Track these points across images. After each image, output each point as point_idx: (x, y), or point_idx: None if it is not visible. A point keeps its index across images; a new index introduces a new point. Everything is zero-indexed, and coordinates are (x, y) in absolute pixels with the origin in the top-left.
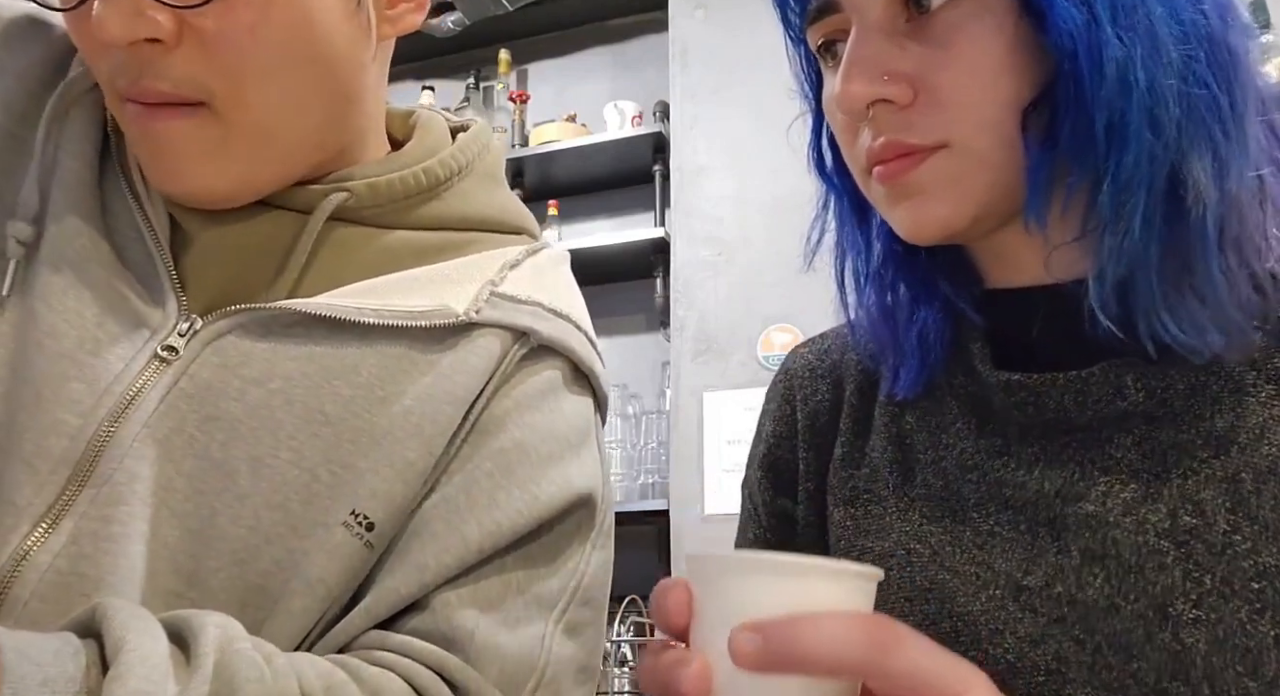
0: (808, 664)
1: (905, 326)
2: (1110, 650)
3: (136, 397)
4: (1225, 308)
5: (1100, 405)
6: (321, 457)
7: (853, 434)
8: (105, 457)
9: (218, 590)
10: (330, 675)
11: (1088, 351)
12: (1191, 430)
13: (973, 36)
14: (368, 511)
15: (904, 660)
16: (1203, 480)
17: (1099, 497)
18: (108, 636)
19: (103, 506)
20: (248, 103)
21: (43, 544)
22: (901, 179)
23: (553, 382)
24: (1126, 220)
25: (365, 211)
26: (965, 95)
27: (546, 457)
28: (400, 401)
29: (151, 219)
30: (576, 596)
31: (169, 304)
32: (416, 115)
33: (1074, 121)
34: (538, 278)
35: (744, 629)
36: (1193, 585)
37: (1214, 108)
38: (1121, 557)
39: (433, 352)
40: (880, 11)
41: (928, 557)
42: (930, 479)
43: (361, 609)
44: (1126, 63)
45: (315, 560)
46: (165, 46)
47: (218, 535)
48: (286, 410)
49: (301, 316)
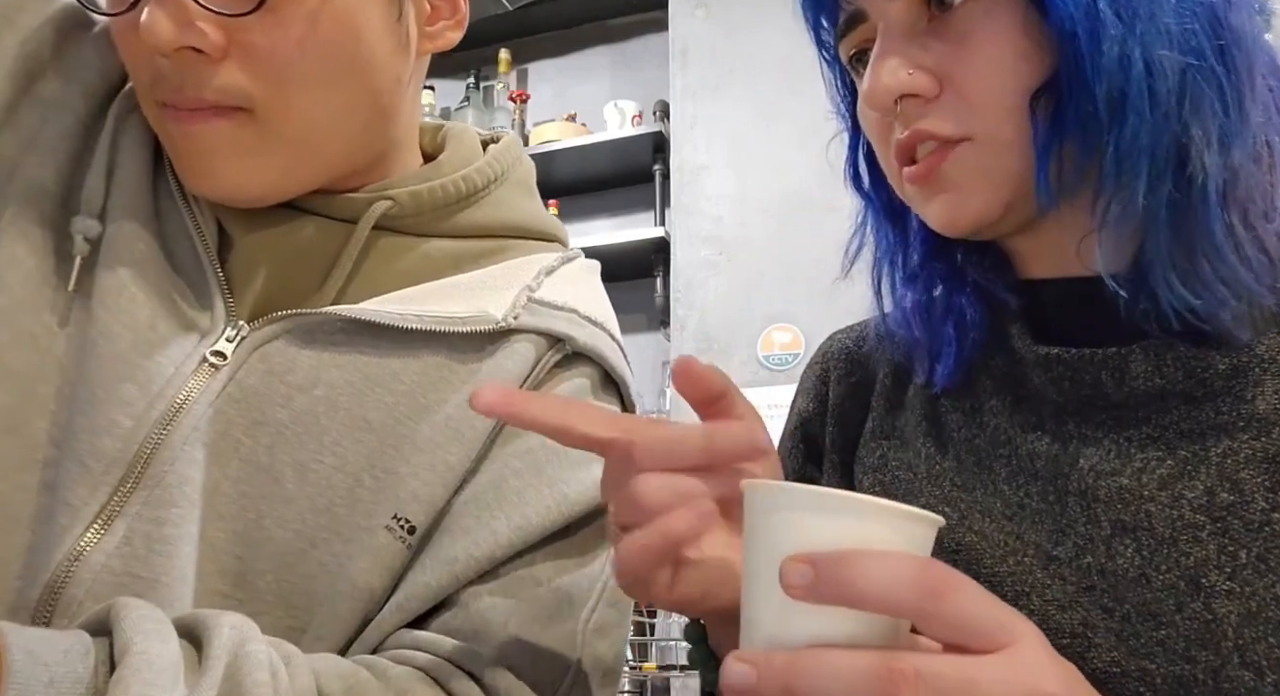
0: (858, 599)
1: (941, 319)
2: (1139, 618)
3: (186, 402)
4: (1234, 269)
5: (1139, 382)
6: (365, 463)
7: (884, 410)
8: (157, 460)
9: (264, 592)
10: (352, 675)
11: (1123, 338)
12: (1232, 411)
13: (990, 30)
14: (409, 515)
15: (955, 606)
16: (1242, 460)
17: (1134, 473)
18: (117, 637)
19: (155, 508)
20: (289, 112)
21: (96, 544)
22: (931, 177)
23: (582, 388)
24: (1128, 187)
25: (407, 220)
26: (987, 86)
27: (576, 459)
28: (442, 410)
29: (201, 225)
30: (604, 596)
31: (217, 309)
32: (446, 129)
33: (1077, 100)
34: (572, 285)
35: (796, 559)
36: (1227, 559)
37: (1213, 80)
38: (1155, 530)
39: (471, 360)
40: (903, 13)
41: (955, 521)
42: (963, 455)
43: (393, 605)
44: (1124, 40)
45: (359, 563)
46: (209, 58)
47: (264, 538)
48: (331, 416)
49: (346, 322)
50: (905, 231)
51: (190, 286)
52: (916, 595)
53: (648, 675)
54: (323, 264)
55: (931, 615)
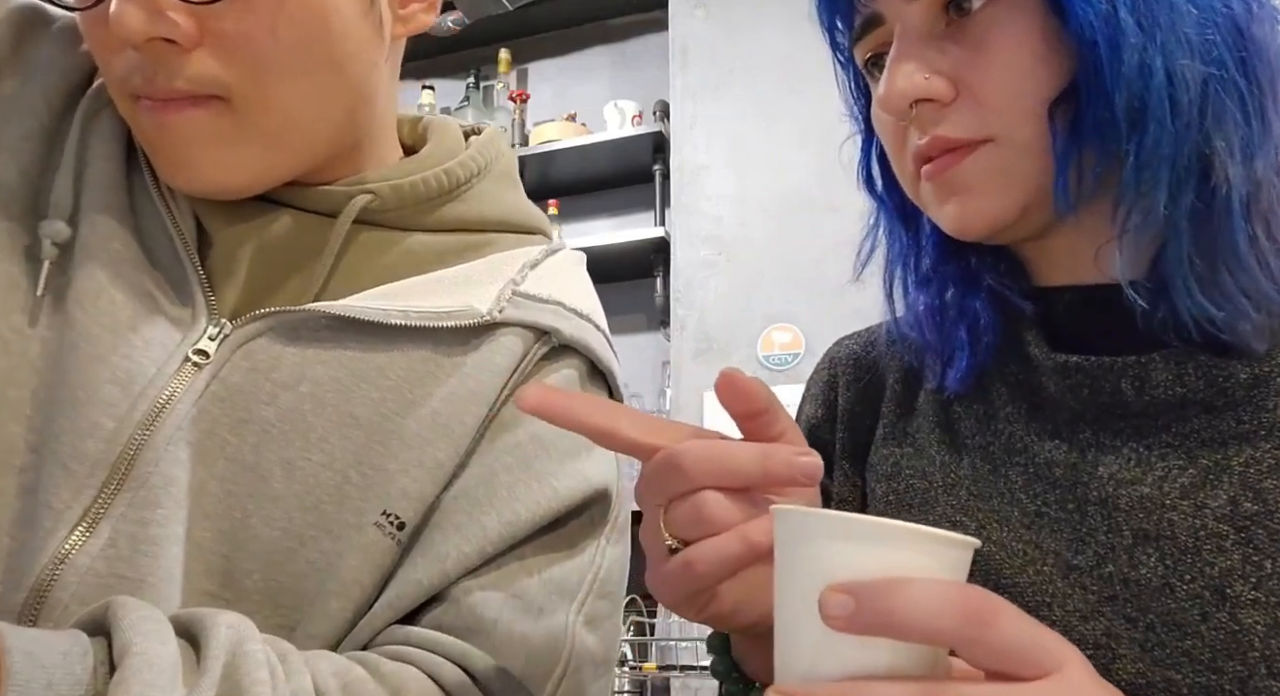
0: (902, 629)
1: (954, 323)
2: (1163, 628)
3: (170, 402)
4: (1257, 280)
5: (1159, 391)
6: (352, 459)
7: (895, 416)
8: (141, 461)
9: (252, 591)
10: (347, 672)
11: (1139, 346)
12: (1254, 420)
13: (1008, 34)
14: (399, 511)
15: (1000, 633)
16: (1265, 469)
17: (1155, 482)
18: (116, 637)
19: (140, 509)
20: (266, 99)
21: (81, 546)
22: (947, 175)
23: (570, 380)
24: (1148, 195)
25: (388, 214)
26: (1004, 90)
27: (564, 452)
28: (428, 404)
29: (179, 222)
30: (595, 588)
31: (199, 307)
32: (426, 121)
33: (1096, 108)
34: (558, 277)
35: (835, 589)
36: (1253, 569)
37: (1235, 91)
38: (1177, 539)
39: (457, 354)
40: (921, 17)
41: (973, 531)
42: (978, 463)
43: (384, 602)
44: (1145, 49)
45: (349, 561)
46: (181, 47)
47: (251, 536)
48: (317, 413)
49: (330, 319)
50: (918, 235)
51: (170, 284)
52: (960, 623)
53: (648, 675)
54: (304, 259)
55: (976, 642)
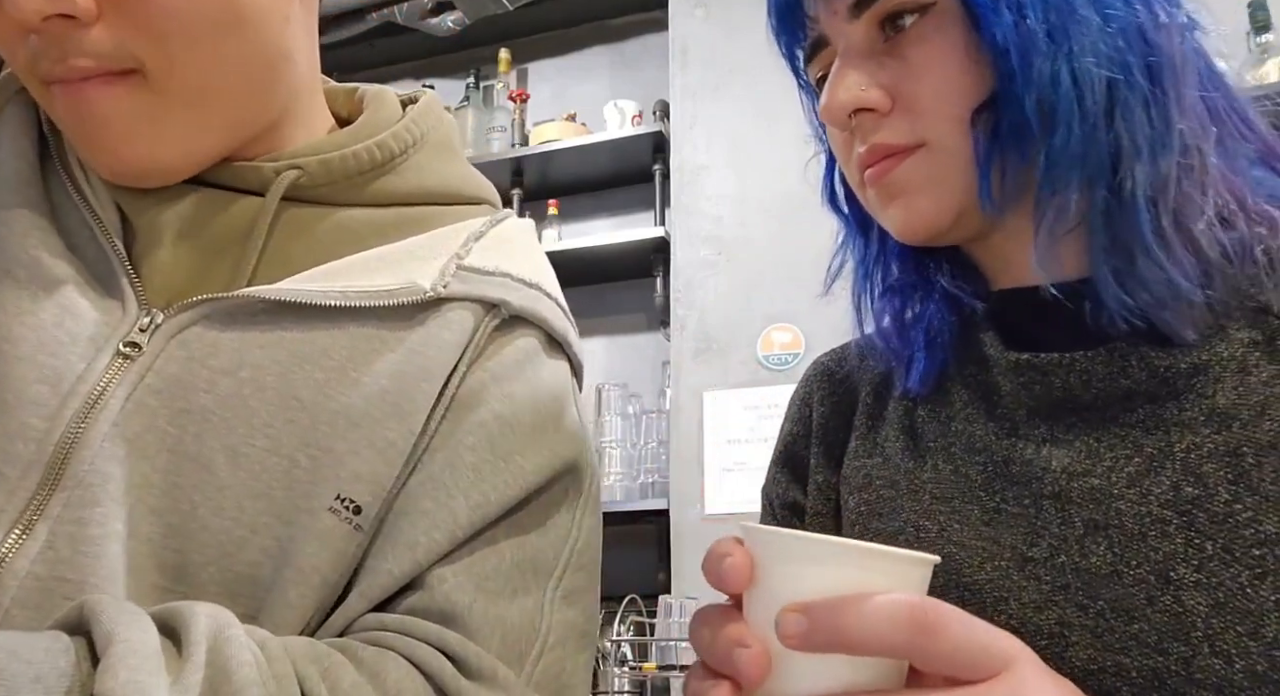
0: (854, 644)
1: (913, 326)
2: (1112, 614)
3: (102, 397)
4: (1166, 270)
5: (1105, 383)
6: (299, 443)
7: (867, 428)
8: (74, 459)
9: (207, 583)
10: (326, 657)
11: (1089, 341)
12: (1195, 407)
13: (935, 48)
14: (353, 494)
15: (948, 640)
16: (1205, 454)
17: (1104, 472)
18: (97, 631)
19: (76, 509)
20: (179, 66)
21: (18, 550)
22: (887, 179)
23: (528, 352)
24: (1061, 193)
25: (319, 189)
26: (933, 99)
27: (530, 428)
28: (375, 381)
29: (99, 213)
30: (571, 562)
31: (127, 299)
32: (363, 91)
33: (1011, 113)
34: (504, 248)
35: (790, 610)
36: (1194, 551)
37: (1139, 93)
38: (1125, 527)
39: (402, 330)
40: (860, 35)
41: (935, 534)
42: (940, 464)
43: (356, 593)
44: (1054, 57)
45: (305, 548)
46: (81, 23)
47: (200, 528)
48: (259, 398)
49: (267, 303)
50: (881, 247)
51: (95, 277)
52: (910, 634)
53: (648, 675)
54: (233, 240)
55: (926, 651)
